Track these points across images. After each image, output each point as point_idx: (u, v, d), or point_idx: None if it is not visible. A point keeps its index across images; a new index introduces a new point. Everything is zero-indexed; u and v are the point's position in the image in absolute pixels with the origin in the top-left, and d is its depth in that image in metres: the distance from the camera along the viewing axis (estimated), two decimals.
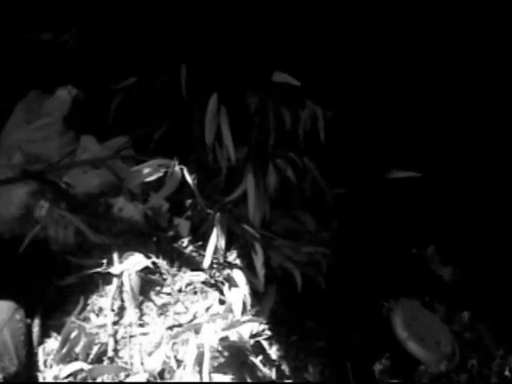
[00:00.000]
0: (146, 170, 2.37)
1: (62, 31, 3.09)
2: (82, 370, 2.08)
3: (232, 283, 2.43)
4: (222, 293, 2.42)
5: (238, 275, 2.44)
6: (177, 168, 2.38)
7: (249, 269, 2.48)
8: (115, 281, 2.29)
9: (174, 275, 2.40)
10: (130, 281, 2.27)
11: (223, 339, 2.20)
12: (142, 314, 2.28)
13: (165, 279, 2.38)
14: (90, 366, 2.10)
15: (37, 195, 2.58)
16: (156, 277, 2.37)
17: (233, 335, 2.23)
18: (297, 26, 2.85)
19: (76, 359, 2.13)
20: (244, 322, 2.23)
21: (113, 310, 2.26)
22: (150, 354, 2.17)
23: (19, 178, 2.63)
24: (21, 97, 3.00)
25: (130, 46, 3.03)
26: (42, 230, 2.51)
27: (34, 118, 2.94)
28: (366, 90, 3.01)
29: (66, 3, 3.05)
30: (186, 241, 2.52)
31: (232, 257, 2.52)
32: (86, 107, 2.98)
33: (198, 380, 2.07)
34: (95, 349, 2.17)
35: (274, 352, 2.37)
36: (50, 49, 3.05)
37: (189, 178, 2.39)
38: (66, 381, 2.06)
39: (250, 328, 2.29)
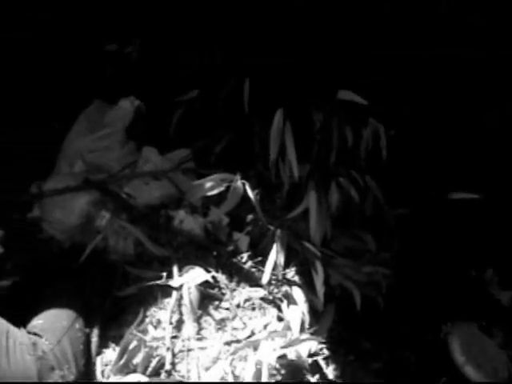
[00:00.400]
0: (208, 184, 2.36)
1: (127, 42, 3.10)
2: (139, 382, 2.07)
3: (290, 300, 2.40)
4: (280, 310, 2.40)
5: (297, 293, 2.42)
6: (239, 183, 2.36)
7: (308, 286, 2.45)
8: (174, 294, 2.28)
9: (233, 290, 2.39)
10: (190, 294, 2.26)
11: (281, 357, 2.18)
12: (200, 328, 2.27)
13: (223, 294, 2.37)
14: (147, 379, 2.09)
15: (98, 205, 2.59)
16: (215, 291, 2.36)
17: (291, 353, 2.21)
18: (363, 46, 2.83)
19: (134, 371, 2.13)
20: (302, 340, 2.21)
21: (171, 323, 2.26)
22: (207, 368, 2.15)
23: (81, 186, 2.64)
24: (84, 106, 3.02)
25: (193, 59, 3.03)
26: (101, 240, 2.51)
27: (97, 128, 2.96)
28: (429, 110, 2.97)
29: (131, 15, 3.07)
30: (245, 256, 2.50)
31: (291, 274, 2.50)
32: (148, 118, 2.99)
33: None
34: (153, 361, 2.16)
35: (330, 371, 2.35)
36: (115, 59, 3.06)
37: (251, 194, 2.38)
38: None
39: (308, 347, 2.26)
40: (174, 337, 2.23)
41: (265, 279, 2.43)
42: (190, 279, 2.27)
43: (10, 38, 2.80)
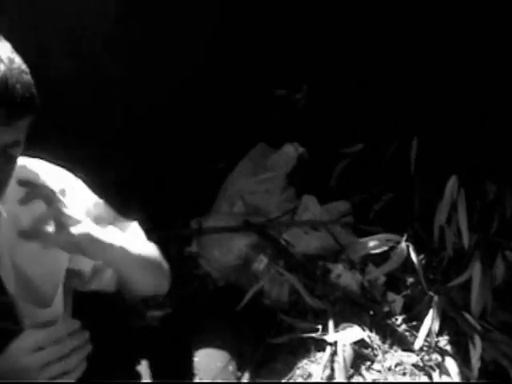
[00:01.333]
0: (372, 243, 2.35)
1: (296, 89, 3.13)
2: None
3: (443, 370, 2.35)
4: (430, 378, 2.34)
5: (450, 363, 2.36)
6: (403, 244, 2.34)
7: (461, 358, 2.38)
8: (328, 349, 2.27)
9: (385, 352, 2.35)
10: (344, 352, 2.24)
11: None
12: None
13: (376, 355, 2.33)
14: None
15: (256, 248, 2.61)
16: (368, 351, 2.32)
17: None
18: None
19: None
20: None
21: (322, 379, 2.23)
22: None
23: (241, 228, 2.67)
24: (249, 148, 3.06)
25: (361, 112, 3.03)
26: (256, 283, 2.52)
27: (259, 171, 2.99)
28: None
29: (301, 61, 3.10)
30: (399, 318, 2.46)
31: (444, 342, 2.44)
32: (310, 166, 3.00)
33: None
34: None
35: None
36: (283, 105, 3.09)
37: (414, 257, 2.34)
38: None
39: None
40: None
41: (417, 345, 2.38)
42: (345, 336, 2.25)
43: (182, 77, 2.87)
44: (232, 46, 2.95)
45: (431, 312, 2.44)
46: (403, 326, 2.47)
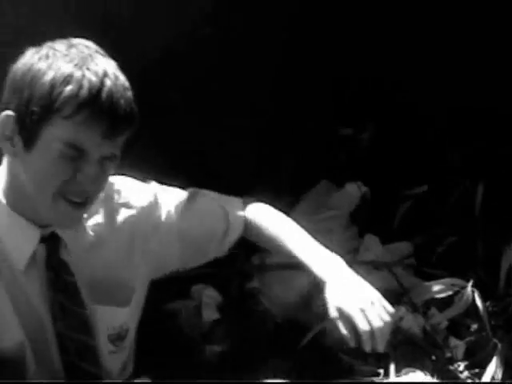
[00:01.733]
0: (437, 288, 2.33)
1: (361, 128, 3.14)
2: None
3: None
4: None
5: None
6: (469, 290, 2.31)
7: None
8: None
9: None
10: None
11: None
12: None
13: None
14: None
15: (318, 286, 2.59)
16: None
17: None
18: None
19: None
20: None
21: None
22: None
23: None
24: (312, 185, 3.06)
25: (426, 153, 3.02)
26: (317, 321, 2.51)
27: (321, 209, 2.98)
28: None
29: (368, 101, 3.11)
30: (462, 365, 2.42)
31: None
32: (373, 206, 2.99)
33: None
34: None
35: None
36: (348, 143, 3.10)
37: (479, 303, 2.31)
38: None
39: None
40: None
41: None
42: (407, 381, 2.22)
43: (248, 115, 2.89)
44: (298, 84, 2.97)
45: (494, 359, 2.39)
46: (465, 373, 2.43)
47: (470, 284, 2.33)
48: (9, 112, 1.47)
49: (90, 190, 1.52)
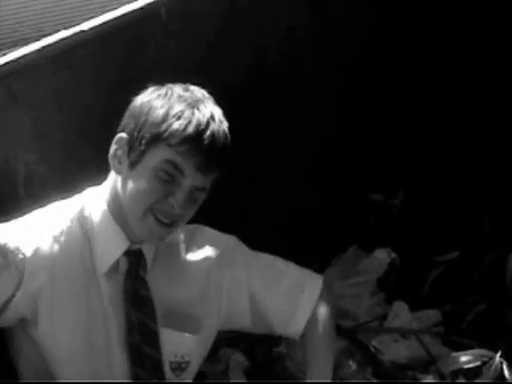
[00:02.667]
0: (465, 358, 2.32)
1: (392, 194, 3.14)
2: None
3: None
4: None
5: None
6: (497, 360, 2.29)
7: None
8: None
9: None
10: None
11: None
12: None
13: None
14: None
15: (345, 353, 2.59)
16: None
17: None
18: None
19: None
20: None
21: None
22: None
23: None
24: (342, 250, 3.06)
25: (457, 220, 3.02)
26: None
27: (350, 274, 2.99)
28: None
29: (399, 167, 3.12)
30: None
31: None
32: (402, 272, 2.98)
33: None
34: None
35: None
36: (378, 209, 3.10)
37: (507, 373, 2.28)
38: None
39: None
40: None
41: None
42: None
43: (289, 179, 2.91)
44: (329, 147, 2.99)
45: None
46: None
47: (499, 355, 2.30)
48: (123, 134, 1.73)
49: (177, 214, 1.70)
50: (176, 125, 1.65)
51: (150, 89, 1.75)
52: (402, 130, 3.10)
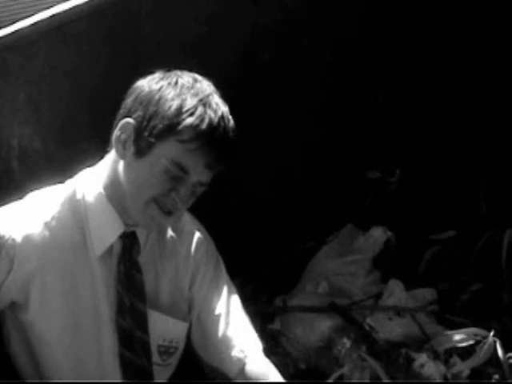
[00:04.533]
0: (458, 337, 2.31)
1: (389, 172, 3.13)
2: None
3: None
4: None
5: None
6: (491, 339, 2.29)
7: None
8: None
9: None
10: None
11: None
12: None
13: None
14: None
15: (340, 331, 2.59)
16: None
17: None
18: None
19: None
20: None
21: None
22: None
23: (326, 309, 2.66)
24: (337, 228, 3.06)
25: (454, 199, 3.01)
26: (337, 366, 2.49)
27: (346, 252, 2.98)
28: None
29: (396, 145, 3.10)
30: None
31: None
32: (397, 251, 2.97)
33: None
34: None
35: None
36: (374, 187, 3.09)
37: (500, 353, 2.29)
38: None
39: None
40: None
41: None
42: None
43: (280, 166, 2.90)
44: (326, 125, 2.98)
45: None
46: None
47: (492, 334, 2.30)
48: (130, 120, 1.70)
49: (179, 207, 1.72)
50: (189, 121, 1.65)
51: (158, 74, 1.74)
52: (400, 109, 3.09)
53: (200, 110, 1.66)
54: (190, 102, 1.66)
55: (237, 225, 2.61)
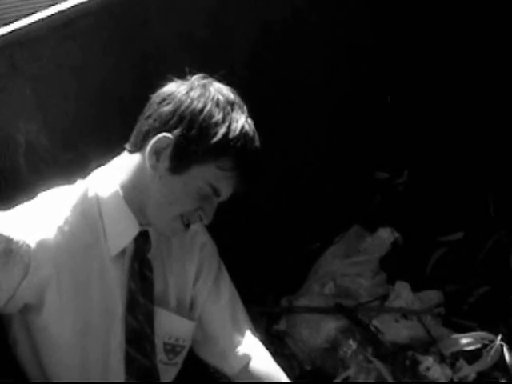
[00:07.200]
0: (466, 340, 2.30)
1: (397, 173, 3.12)
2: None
3: None
4: None
5: None
6: (498, 344, 2.27)
7: None
8: None
9: None
10: None
11: None
12: None
13: None
14: None
15: (346, 333, 2.58)
16: None
17: None
18: None
19: None
20: None
21: None
22: None
23: (332, 310, 2.64)
24: (344, 229, 3.04)
25: (462, 201, 3.00)
26: (343, 368, 2.48)
27: (352, 253, 2.97)
28: None
29: (404, 146, 3.09)
30: None
31: None
32: (405, 252, 2.96)
33: None
34: None
35: None
36: (382, 188, 3.08)
37: (507, 357, 2.27)
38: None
39: None
40: None
41: None
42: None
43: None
44: (337, 126, 2.97)
45: None
46: None
47: (499, 338, 2.29)
48: (169, 135, 1.68)
49: (202, 222, 1.78)
50: (232, 152, 1.68)
51: (196, 84, 1.73)
52: (409, 110, 3.07)
53: (242, 141, 1.69)
54: (234, 132, 1.68)
55: (243, 225, 2.59)
